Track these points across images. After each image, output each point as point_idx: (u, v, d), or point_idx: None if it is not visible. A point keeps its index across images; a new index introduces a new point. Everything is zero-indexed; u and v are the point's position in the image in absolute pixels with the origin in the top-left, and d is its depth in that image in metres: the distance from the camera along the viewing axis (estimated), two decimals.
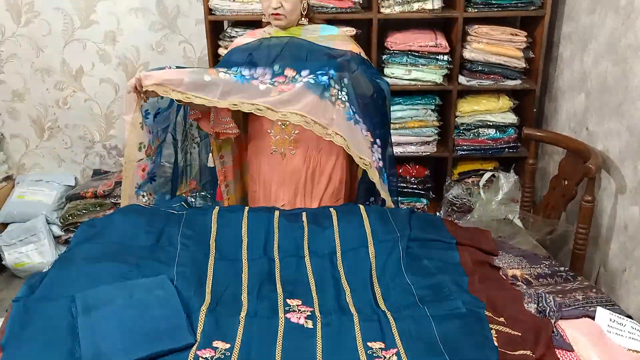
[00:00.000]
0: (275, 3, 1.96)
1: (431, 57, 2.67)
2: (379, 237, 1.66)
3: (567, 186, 2.27)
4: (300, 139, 2.04)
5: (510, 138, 2.79)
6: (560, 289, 1.57)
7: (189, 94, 1.84)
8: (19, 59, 3.04)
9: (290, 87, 1.89)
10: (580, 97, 2.43)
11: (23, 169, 3.31)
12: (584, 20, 2.40)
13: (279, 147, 2.06)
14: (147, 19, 2.96)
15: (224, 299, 1.49)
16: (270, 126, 2.04)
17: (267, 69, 1.94)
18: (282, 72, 1.93)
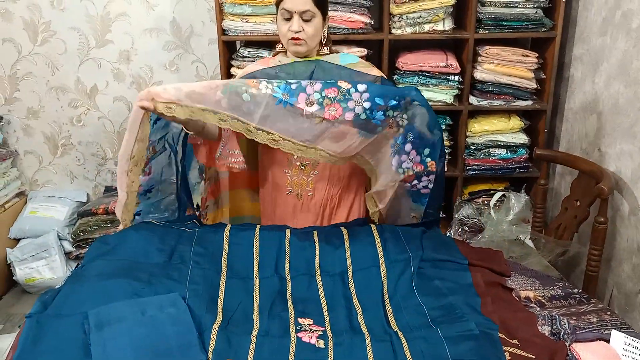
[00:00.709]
0: (296, 26, 1.80)
1: (442, 78, 2.68)
2: (391, 257, 1.65)
3: (579, 207, 2.26)
4: (319, 179, 1.94)
5: (521, 158, 2.79)
6: (574, 311, 1.56)
7: (222, 113, 1.61)
8: (35, 77, 3.09)
9: (339, 111, 1.66)
10: (592, 118, 2.43)
11: (36, 185, 3.34)
12: (596, 42, 2.41)
13: (295, 189, 1.97)
14: (161, 38, 3.00)
15: (235, 317, 1.48)
16: (287, 166, 1.93)
17: (316, 81, 1.69)
18: (335, 82, 1.68)
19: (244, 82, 1.67)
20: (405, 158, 1.81)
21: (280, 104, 1.65)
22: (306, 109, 1.65)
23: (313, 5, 1.81)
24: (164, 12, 2.95)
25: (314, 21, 1.83)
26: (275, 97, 1.64)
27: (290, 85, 1.66)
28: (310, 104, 1.66)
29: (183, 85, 1.63)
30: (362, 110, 1.66)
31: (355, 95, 1.67)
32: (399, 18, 2.61)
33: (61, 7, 2.95)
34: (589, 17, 2.46)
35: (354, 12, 2.60)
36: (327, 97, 1.66)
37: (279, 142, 1.68)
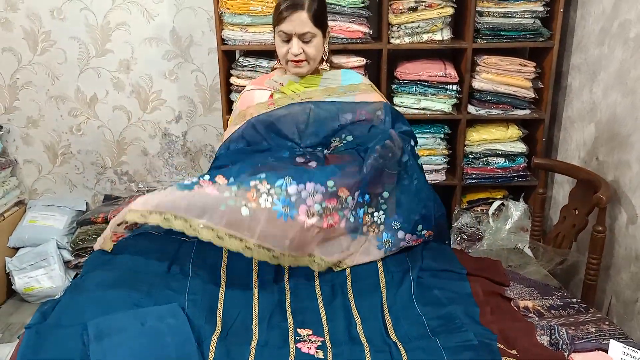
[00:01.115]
0: (296, 49, 1.75)
1: (440, 87, 2.69)
2: (390, 268, 1.66)
3: (577, 216, 2.27)
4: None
5: (519, 167, 2.80)
6: (573, 321, 1.56)
7: (219, 230, 1.51)
8: (35, 87, 3.10)
9: (336, 219, 1.63)
10: (590, 127, 2.44)
11: (35, 194, 3.34)
12: (593, 52, 2.42)
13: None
14: (161, 48, 3.01)
15: (234, 327, 1.49)
16: None
17: (318, 185, 1.60)
18: (336, 191, 1.63)
19: (245, 195, 1.56)
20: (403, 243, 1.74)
21: (282, 218, 1.56)
22: (307, 222, 1.58)
23: (312, 26, 1.76)
24: (164, 22, 2.96)
25: (314, 41, 1.79)
26: (275, 210, 1.56)
27: (290, 197, 1.58)
28: (310, 215, 1.59)
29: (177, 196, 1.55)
30: (350, 215, 1.65)
31: (352, 202, 1.65)
32: (397, 28, 2.63)
33: (61, 17, 2.96)
34: (587, 26, 2.48)
35: (352, 22, 2.62)
36: (327, 208, 1.62)
37: (279, 259, 1.60)
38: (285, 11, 1.75)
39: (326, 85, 1.88)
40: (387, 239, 1.72)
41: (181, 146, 3.21)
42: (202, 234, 1.53)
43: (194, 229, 1.53)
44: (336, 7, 2.59)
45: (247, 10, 2.60)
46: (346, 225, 1.66)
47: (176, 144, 3.22)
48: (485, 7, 2.58)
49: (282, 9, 1.76)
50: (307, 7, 1.75)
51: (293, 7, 1.74)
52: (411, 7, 2.58)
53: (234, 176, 1.62)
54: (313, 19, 1.75)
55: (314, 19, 1.75)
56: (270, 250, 1.58)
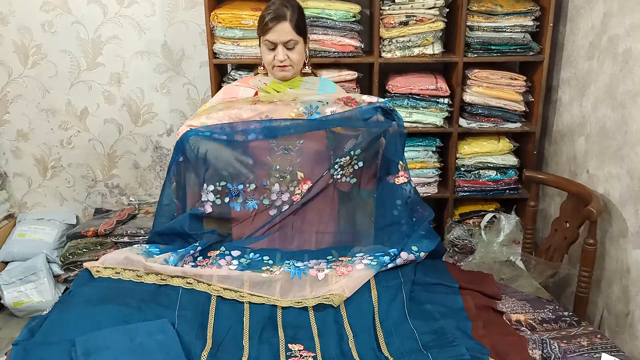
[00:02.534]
0: (282, 55, 1.91)
1: (432, 100, 2.70)
2: (382, 282, 1.65)
3: (568, 229, 2.27)
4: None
5: (511, 180, 2.81)
6: (565, 335, 1.56)
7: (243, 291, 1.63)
8: (25, 100, 3.08)
9: (349, 268, 1.72)
10: (580, 140, 2.46)
11: (25, 208, 3.32)
12: (583, 66, 2.44)
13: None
14: (152, 61, 3.01)
15: (225, 343, 1.47)
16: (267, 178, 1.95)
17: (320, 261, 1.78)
18: (337, 259, 1.80)
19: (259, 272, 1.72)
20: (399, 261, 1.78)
21: (295, 276, 1.69)
22: (319, 275, 1.70)
23: (295, 34, 1.92)
24: (155, 35, 2.97)
25: (297, 48, 1.95)
26: (287, 271, 1.71)
27: (299, 267, 1.74)
28: (321, 270, 1.72)
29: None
30: (369, 261, 1.74)
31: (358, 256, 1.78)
32: (389, 42, 2.64)
33: (52, 30, 2.96)
34: (576, 41, 2.50)
35: (344, 36, 2.63)
36: (335, 266, 1.75)
37: (301, 303, 1.64)
38: (270, 22, 1.90)
39: (305, 89, 2.03)
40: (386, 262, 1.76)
41: None
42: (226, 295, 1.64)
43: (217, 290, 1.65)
44: (328, 22, 2.60)
45: (238, 24, 2.60)
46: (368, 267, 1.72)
47: (167, 157, 3.20)
48: (476, 22, 2.60)
49: (267, 21, 1.92)
50: (290, 17, 1.91)
51: (277, 19, 1.90)
52: (402, 22, 2.60)
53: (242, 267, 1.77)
54: (295, 28, 1.92)
55: (296, 28, 1.92)
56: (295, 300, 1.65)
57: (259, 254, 1.82)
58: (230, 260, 1.79)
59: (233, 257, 1.81)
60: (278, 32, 1.90)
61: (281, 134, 1.86)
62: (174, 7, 2.92)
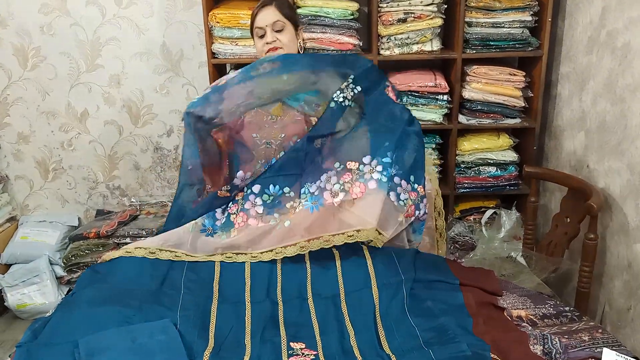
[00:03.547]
0: (270, 37, 1.97)
1: (431, 97, 2.71)
2: (383, 280, 1.65)
3: (569, 224, 2.27)
4: None
5: (511, 175, 2.81)
6: (566, 330, 1.56)
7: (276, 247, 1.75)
8: (25, 102, 3.09)
9: (362, 187, 1.78)
10: (579, 135, 2.46)
11: (27, 210, 3.32)
12: (582, 61, 2.44)
13: None
14: (151, 62, 3.02)
15: (227, 342, 1.48)
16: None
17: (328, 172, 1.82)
18: (345, 166, 1.83)
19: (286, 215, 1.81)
20: (400, 190, 1.81)
21: (314, 211, 1.76)
22: (335, 201, 1.77)
23: (281, 16, 1.98)
24: (154, 36, 2.97)
25: (285, 31, 1.99)
26: (306, 208, 1.78)
27: (314, 193, 1.80)
28: (335, 195, 1.78)
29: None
30: (379, 175, 1.79)
31: (366, 167, 1.82)
32: (387, 39, 2.64)
33: (51, 33, 2.96)
34: (575, 36, 2.50)
35: (342, 34, 2.63)
36: (346, 182, 1.80)
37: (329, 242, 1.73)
38: (256, 9, 2.02)
39: None
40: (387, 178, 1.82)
41: (173, 160, 3.21)
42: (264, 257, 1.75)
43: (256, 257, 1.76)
44: (326, 20, 2.60)
45: (237, 23, 2.61)
46: (378, 185, 1.78)
47: (168, 158, 3.21)
48: (474, 18, 2.60)
49: (254, 11, 2.02)
50: (275, 4, 2.00)
51: (262, 5, 2.01)
52: (400, 19, 2.60)
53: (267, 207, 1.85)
54: (281, 12, 1.99)
55: (282, 12, 1.99)
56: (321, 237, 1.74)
57: (279, 186, 1.85)
58: (254, 200, 1.85)
59: (256, 194, 1.86)
60: (264, 16, 1.98)
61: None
62: (172, 7, 2.92)
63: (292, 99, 1.96)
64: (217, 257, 1.77)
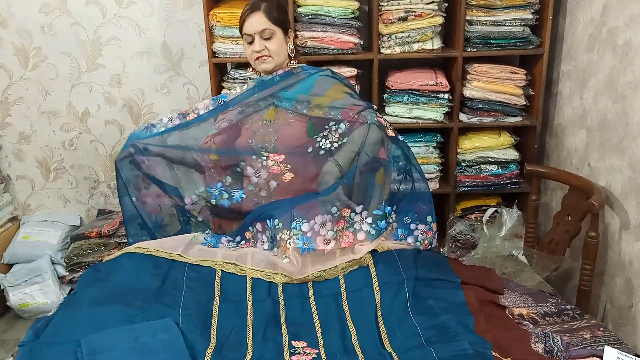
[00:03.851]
0: (257, 45, 1.93)
1: (432, 96, 2.70)
2: (384, 279, 1.65)
3: (571, 222, 2.27)
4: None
5: (512, 174, 2.81)
6: (568, 328, 1.56)
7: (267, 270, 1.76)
8: (26, 102, 3.09)
9: (351, 237, 1.85)
10: (581, 133, 2.45)
11: (28, 210, 3.33)
12: (583, 59, 2.44)
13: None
14: (152, 61, 3.02)
15: (229, 341, 1.48)
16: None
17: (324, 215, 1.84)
18: (340, 213, 1.86)
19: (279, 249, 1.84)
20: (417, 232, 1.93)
21: (305, 252, 1.78)
22: (326, 248, 1.80)
23: (270, 23, 1.94)
24: (155, 36, 2.97)
25: (274, 38, 1.95)
26: (298, 248, 1.79)
27: (306, 234, 1.81)
28: (327, 242, 1.81)
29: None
30: (368, 227, 1.85)
31: (357, 216, 1.87)
32: (388, 38, 2.64)
33: (52, 32, 2.97)
34: (576, 33, 2.50)
35: (343, 33, 2.63)
36: (339, 230, 1.84)
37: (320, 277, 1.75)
38: (244, 14, 1.97)
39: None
40: (402, 233, 1.92)
41: None
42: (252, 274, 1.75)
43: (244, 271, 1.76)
44: (326, 19, 2.60)
45: (237, 23, 2.58)
46: (367, 237, 1.84)
47: None
48: (475, 16, 2.60)
49: (242, 14, 1.98)
50: (264, 8, 1.94)
51: (250, 10, 1.95)
52: (401, 17, 2.60)
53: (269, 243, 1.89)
54: (269, 18, 1.94)
55: (271, 18, 1.94)
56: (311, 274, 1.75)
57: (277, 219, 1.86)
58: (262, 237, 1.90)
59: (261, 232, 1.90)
60: (252, 22, 1.94)
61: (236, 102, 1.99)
62: (173, 6, 2.92)
63: (283, 100, 1.97)
64: (207, 262, 1.77)
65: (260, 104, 1.98)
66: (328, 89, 1.99)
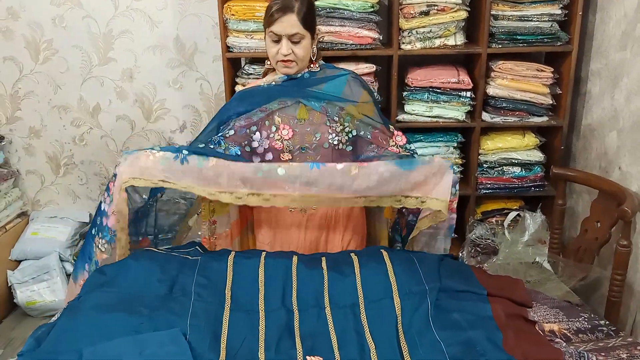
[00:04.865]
0: (285, 48, 1.78)
1: (453, 94, 2.60)
2: (405, 289, 1.55)
3: (600, 229, 2.16)
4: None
5: (536, 176, 2.69)
6: (603, 346, 1.46)
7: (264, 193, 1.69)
8: (36, 96, 3.03)
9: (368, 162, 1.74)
10: (611, 135, 2.33)
11: (38, 205, 3.27)
12: (615, 57, 2.32)
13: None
14: (165, 56, 2.94)
15: (240, 354, 1.39)
16: None
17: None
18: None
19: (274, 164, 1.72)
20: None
21: (314, 167, 1.68)
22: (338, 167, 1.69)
23: (301, 27, 1.79)
24: (168, 29, 2.89)
25: (302, 42, 1.81)
26: (307, 163, 1.71)
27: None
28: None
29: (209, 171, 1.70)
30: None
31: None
32: (408, 33, 2.53)
33: (63, 25, 2.89)
34: (607, 30, 2.38)
35: (362, 28, 2.53)
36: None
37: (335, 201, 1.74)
38: (276, 13, 1.78)
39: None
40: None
41: None
42: (250, 200, 1.72)
43: (241, 198, 1.72)
44: (345, 13, 2.50)
45: (252, 16, 2.51)
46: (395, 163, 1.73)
47: None
48: (501, 11, 2.49)
49: (273, 11, 1.79)
50: (297, 10, 1.78)
51: (283, 10, 1.78)
52: (423, 11, 2.49)
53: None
54: (302, 22, 1.79)
55: (303, 22, 1.79)
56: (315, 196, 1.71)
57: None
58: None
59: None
60: (284, 24, 1.77)
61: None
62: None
63: (311, 99, 1.87)
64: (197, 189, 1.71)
65: (288, 101, 1.87)
66: (360, 95, 1.90)
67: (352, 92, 1.88)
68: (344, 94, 1.87)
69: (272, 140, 1.88)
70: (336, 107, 1.86)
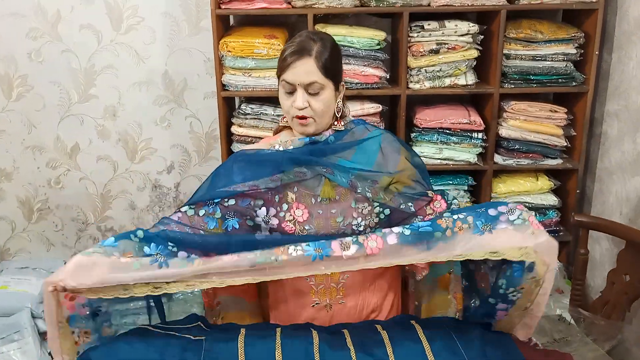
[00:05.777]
0: (300, 101, 1.46)
1: (464, 135, 2.45)
2: None
3: (629, 283, 2.01)
4: (351, 284, 1.56)
5: (551, 221, 2.55)
6: None
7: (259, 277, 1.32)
8: (8, 136, 2.78)
9: (379, 242, 1.34)
10: (634, 180, 2.21)
11: (7, 254, 2.99)
12: (636, 98, 2.20)
13: (323, 299, 1.57)
14: (152, 92, 2.73)
15: None
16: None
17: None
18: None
19: (271, 252, 1.33)
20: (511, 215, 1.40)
21: (316, 259, 1.33)
22: (344, 254, 1.33)
23: (321, 75, 1.46)
24: (156, 65, 2.69)
25: (323, 94, 1.48)
26: (307, 255, 1.33)
27: (319, 238, 1.38)
28: (346, 247, 1.34)
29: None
30: (400, 229, 1.37)
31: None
32: (417, 71, 2.39)
33: (40, 60, 2.66)
34: (627, 71, 2.27)
35: (367, 66, 2.37)
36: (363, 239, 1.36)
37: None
38: (289, 57, 1.47)
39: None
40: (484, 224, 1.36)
41: (173, 199, 2.91)
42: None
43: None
44: (350, 50, 2.34)
45: (250, 53, 2.34)
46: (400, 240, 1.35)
47: (168, 197, 2.91)
48: (513, 50, 2.37)
49: (286, 55, 1.48)
50: (316, 53, 1.46)
51: (299, 53, 1.46)
52: (432, 50, 2.35)
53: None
54: (322, 69, 1.46)
55: (323, 69, 1.47)
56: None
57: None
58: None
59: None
60: (298, 71, 1.46)
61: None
62: (177, 33, 2.64)
63: (337, 173, 1.52)
64: (179, 285, 1.31)
65: (307, 172, 1.52)
66: (397, 163, 1.57)
67: (387, 160, 1.57)
68: (377, 164, 1.56)
69: (283, 221, 1.54)
70: (367, 182, 1.53)
